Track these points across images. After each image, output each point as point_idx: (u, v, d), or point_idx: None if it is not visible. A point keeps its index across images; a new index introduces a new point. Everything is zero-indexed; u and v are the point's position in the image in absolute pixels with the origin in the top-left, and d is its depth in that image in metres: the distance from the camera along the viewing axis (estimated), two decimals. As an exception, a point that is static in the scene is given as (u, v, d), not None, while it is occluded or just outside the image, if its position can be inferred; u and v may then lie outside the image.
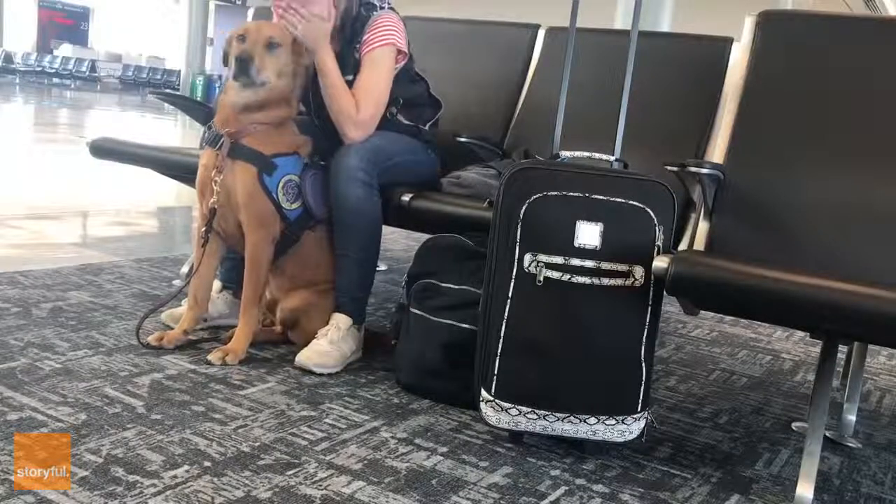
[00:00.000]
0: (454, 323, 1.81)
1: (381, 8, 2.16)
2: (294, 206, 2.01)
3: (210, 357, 1.91)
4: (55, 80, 25.01)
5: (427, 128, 2.28)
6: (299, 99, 2.09)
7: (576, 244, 1.53)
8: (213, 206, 1.97)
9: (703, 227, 1.92)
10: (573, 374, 1.56)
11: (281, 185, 1.97)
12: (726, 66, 2.31)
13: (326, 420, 1.66)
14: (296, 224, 2.03)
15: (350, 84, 2.09)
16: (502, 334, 1.57)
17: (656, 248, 1.54)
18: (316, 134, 2.12)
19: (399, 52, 2.14)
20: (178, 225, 4.38)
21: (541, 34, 2.68)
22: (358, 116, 2.06)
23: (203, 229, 2.00)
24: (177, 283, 2.64)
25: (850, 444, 1.86)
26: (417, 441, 1.61)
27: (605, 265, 1.53)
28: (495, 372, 1.58)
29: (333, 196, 2.03)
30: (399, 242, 3.88)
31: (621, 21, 7.46)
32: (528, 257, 1.55)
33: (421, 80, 2.28)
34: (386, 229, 2.12)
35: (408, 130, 2.22)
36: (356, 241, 2.04)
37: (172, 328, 2.06)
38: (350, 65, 2.11)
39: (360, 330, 2.06)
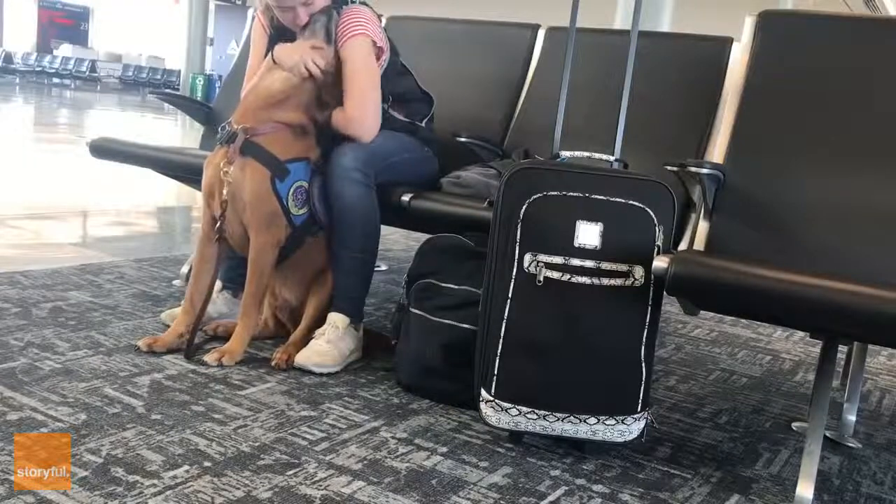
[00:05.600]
0: (454, 323, 1.81)
1: (353, 2, 2.14)
2: (301, 211, 2.01)
3: (207, 358, 1.91)
4: (55, 80, 25.00)
5: (424, 124, 2.27)
6: (320, 123, 2.07)
7: (576, 244, 1.53)
8: (225, 199, 1.94)
9: (703, 227, 1.92)
10: (573, 374, 1.56)
11: (291, 191, 1.97)
12: (726, 66, 2.30)
13: (326, 420, 1.66)
14: (301, 229, 2.02)
15: None
16: (502, 334, 1.57)
17: (656, 248, 1.53)
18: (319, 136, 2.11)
19: (376, 45, 2.11)
20: (178, 225, 4.38)
21: (541, 34, 2.68)
22: (345, 117, 2.06)
23: (217, 224, 1.96)
24: (177, 283, 2.64)
25: (850, 444, 1.86)
26: (417, 441, 1.61)
27: (605, 265, 1.53)
28: (495, 372, 1.58)
29: (330, 196, 2.02)
30: (399, 242, 3.88)
31: (621, 21, 7.46)
32: (528, 257, 1.54)
33: (409, 74, 2.26)
34: (386, 229, 2.12)
35: (404, 128, 2.21)
36: (353, 241, 2.04)
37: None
38: None
39: (359, 329, 2.06)
